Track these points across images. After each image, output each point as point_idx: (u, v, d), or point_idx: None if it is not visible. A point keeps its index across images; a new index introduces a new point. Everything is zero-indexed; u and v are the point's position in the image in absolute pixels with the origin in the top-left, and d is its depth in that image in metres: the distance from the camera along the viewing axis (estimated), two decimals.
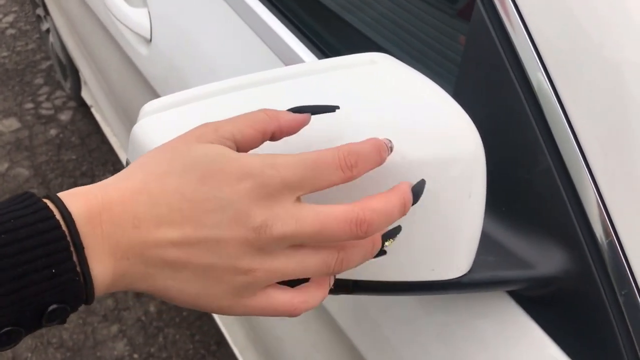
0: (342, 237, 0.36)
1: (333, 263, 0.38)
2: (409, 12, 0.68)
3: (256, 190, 0.35)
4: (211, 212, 0.35)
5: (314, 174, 0.36)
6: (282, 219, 0.35)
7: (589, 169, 0.45)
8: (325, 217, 0.36)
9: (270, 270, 0.36)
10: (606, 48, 0.44)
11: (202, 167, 0.36)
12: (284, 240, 0.36)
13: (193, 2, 0.94)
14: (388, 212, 0.37)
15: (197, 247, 0.35)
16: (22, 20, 2.93)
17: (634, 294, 0.43)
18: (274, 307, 0.38)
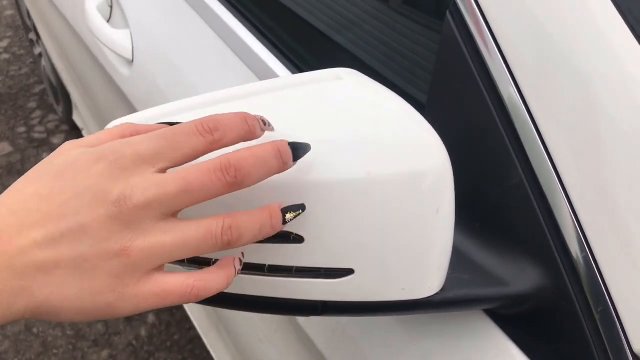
0: (211, 188, 0.34)
1: (219, 231, 0.35)
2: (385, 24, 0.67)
3: (110, 168, 0.34)
4: (68, 201, 0.34)
5: (169, 142, 0.35)
6: (141, 186, 0.34)
7: (561, 183, 0.44)
8: (188, 172, 0.34)
9: (146, 248, 0.34)
10: (576, 59, 0.43)
11: (57, 167, 0.35)
12: (149, 208, 0.34)
13: (174, 23, 0.94)
14: (259, 155, 0.35)
15: (63, 240, 0.34)
16: (16, 45, 2.94)
17: (610, 311, 0.42)
18: (165, 290, 0.35)
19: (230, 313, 0.92)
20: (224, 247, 0.36)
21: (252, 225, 0.36)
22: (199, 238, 0.35)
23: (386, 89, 0.44)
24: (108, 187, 0.34)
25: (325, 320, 0.61)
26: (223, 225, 0.35)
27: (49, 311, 0.35)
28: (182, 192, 0.34)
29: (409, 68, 0.63)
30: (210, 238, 0.35)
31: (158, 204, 0.34)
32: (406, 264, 0.42)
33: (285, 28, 0.81)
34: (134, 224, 0.34)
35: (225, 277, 0.37)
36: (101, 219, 0.34)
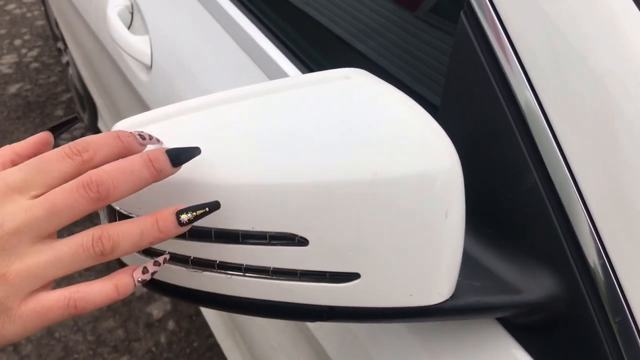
0: (77, 206, 0.35)
1: (89, 243, 0.36)
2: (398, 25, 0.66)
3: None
4: None
5: (38, 169, 0.36)
6: (11, 214, 0.35)
7: (577, 188, 0.43)
8: (54, 193, 0.35)
9: (22, 270, 0.35)
10: (592, 61, 0.42)
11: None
12: (20, 233, 0.35)
13: (192, 29, 0.95)
14: (123, 168, 0.36)
15: None
16: (45, 54, 3.00)
17: (628, 321, 0.40)
18: (45, 307, 0.36)
19: (245, 320, 0.91)
20: (99, 258, 0.36)
21: (129, 233, 0.36)
22: (71, 253, 0.36)
23: (395, 89, 0.43)
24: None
25: (335, 327, 0.60)
26: (92, 236, 0.36)
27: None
28: (50, 214, 0.35)
29: (421, 69, 0.62)
30: (82, 251, 0.36)
31: (28, 228, 0.35)
32: (414, 269, 0.41)
33: (301, 31, 0.80)
34: (9, 249, 0.35)
35: (112, 287, 0.37)
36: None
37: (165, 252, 0.41)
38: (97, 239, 0.36)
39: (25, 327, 0.36)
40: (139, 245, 0.37)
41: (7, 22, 3.27)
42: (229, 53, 0.86)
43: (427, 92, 0.61)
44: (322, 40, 0.79)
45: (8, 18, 3.30)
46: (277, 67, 0.77)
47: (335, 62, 0.75)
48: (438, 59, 0.60)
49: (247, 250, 0.41)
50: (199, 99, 0.45)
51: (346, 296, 0.42)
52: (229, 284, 0.42)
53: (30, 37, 3.13)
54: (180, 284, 0.44)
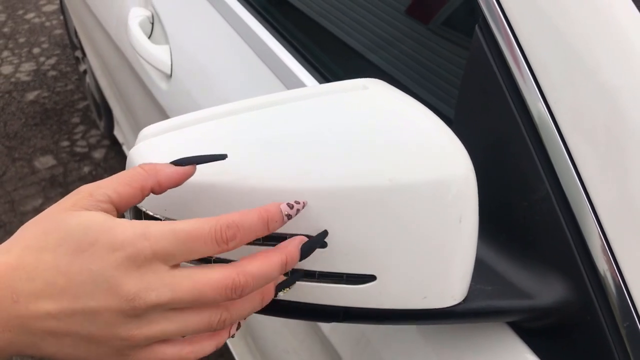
0: (218, 300, 0.37)
1: (216, 322, 0.39)
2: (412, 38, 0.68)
3: (127, 262, 0.36)
4: (85, 284, 0.36)
5: (186, 247, 0.36)
6: (155, 288, 0.36)
7: (588, 198, 0.44)
8: (201, 285, 0.37)
9: (149, 334, 0.37)
10: (603, 74, 0.43)
11: (76, 240, 0.36)
12: (160, 308, 0.37)
13: (211, 39, 0.97)
14: (266, 274, 0.38)
15: (75, 317, 0.36)
16: (63, 63, 3.04)
17: (636, 326, 0.42)
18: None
19: (258, 324, 0.93)
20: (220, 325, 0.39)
21: (245, 311, 0.40)
22: (199, 327, 0.38)
23: (411, 98, 0.44)
24: (124, 282, 0.36)
25: (349, 330, 0.61)
26: (220, 318, 0.39)
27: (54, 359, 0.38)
28: (193, 301, 0.37)
29: (436, 82, 0.63)
30: (207, 327, 0.39)
31: (169, 305, 0.37)
32: (428, 272, 0.42)
33: (318, 42, 0.82)
34: (143, 317, 0.37)
35: (214, 345, 0.41)
36: (113, 310, 0.36)
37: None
38: (222, 321, 0.39)
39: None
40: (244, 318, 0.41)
41: (26, 30, 3.33)
42: (247, 63, 0.88)
43: (440, 104, 0.63)
44: (339, 52, 0.81)
45: (27, 27, 3.36)
46: (295, 77, 0.79)
47: (351, 73, 0.77)
48: (451, 71, 0.62)
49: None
50: (222, 106, 0.46)
51: (362, 298, 0.43)
52: None
53: (49, 45, 3.19)
54: None
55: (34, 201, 2.21)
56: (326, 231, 0.41)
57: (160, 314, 0.37)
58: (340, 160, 0.41)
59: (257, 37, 0.87)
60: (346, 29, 0.79)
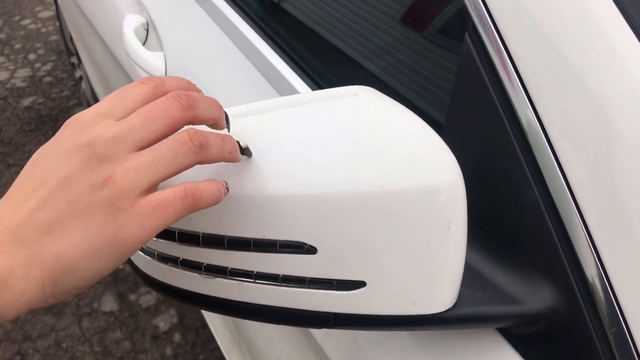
0: (172, 113, 0.37)
1: (187, 137, 0.37)
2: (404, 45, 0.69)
3: (75, 128, 0.37)
4: (49, 167, 0.37)
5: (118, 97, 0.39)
6: (107, 127, 0.37)
7: (576, 204, 0.44)
8: (147, 106, 0.38)
9: (128, 171, 0.36)
10: (591, 81, 0.44)
11: (37, 154, 0.38)
12: (120, 141, 0.36)
13: (206, 47, 0.97)
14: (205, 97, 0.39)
15: (54, 198, 0.36)
16: (59, 69, 3.04)
17: (624, 332, 0.42)
18: (163, 201, 0.36)
19: (251, 332, 0.93)
20: (197, 152, 0.38)
21: (214, 136, 0.39)
22: (172, 149, 0.37)
23: (401, 105, 0.45)
24: (78, 140, 0.37)
25: (341, 337, 0.61)
26: (189, 132, 0.38)
27: (63, 268, 0.36)
28: (146, 121, 0.37)
29: (427, 88, 0.64)
30: (180, 146, 0.37)
31: (126, 134, 0.37)
32: (417, 279, 0.43)
33: (311, 49, 0.83)
34: (110, 158, 0.36)
35: (215, 187, 0.39)
36: (80, 163, 0.36)
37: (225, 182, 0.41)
38: (193, 133, 0.37)
39: (143, 227, 0.36)
40: (222, 152, 0.39)
41: (22, 36, 3.33)
42: (241, 70, 0.89)
43: (432, 110, 0.63)
44: (331, 59, 0.81)
45: (23, 33, 3.36)
46: (288, 84, 0.79)
47: (343, 80, 0.77)
48: (443, 77, 0.62)
49: (258, 257, 0.43)
50: None
51: (352, 304, 0.43)
52: (240, 290, 0.44)
53: (45, 51, 3.19)
54: (193, 290, 0.46)
55: None
56: None
57: (127, 154, 0.36)
58: (331, 167, 0.41)
59: (251, 44, 0.87)
60: (339, 35, 0.80)
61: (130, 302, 1.85)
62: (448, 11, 0.63)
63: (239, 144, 0.41)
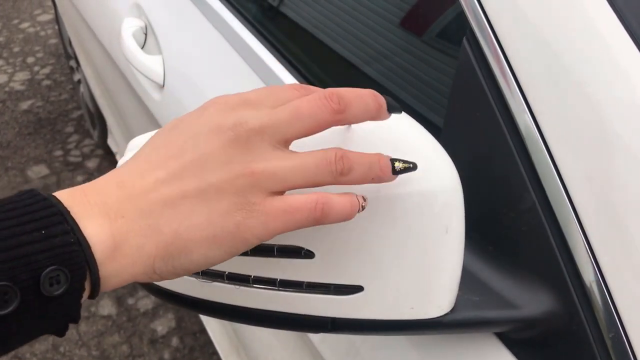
0: (319, 113, 0.36)
1: (333, 158, 0.36)
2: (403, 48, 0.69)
3: (221, 108, 0.36)
4: (187, 140, 0.36)
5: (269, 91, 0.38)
6: (254, 115, 0.36)
7: (574, 209, 0.44)
8: (298, 101, 0.36)
9: (267, 169, 0.35)
10: (589, 87, 0.44)
11: (168, 126, 0.37)
12: (264, 133, 0.35)
13: (204, 50, 0.97)
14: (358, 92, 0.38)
15: (185, 172, 0.35)
16: (57, 72, 3.04)
17: (621, 337, 0.42)
18: (292, 206, 0.35)
19: (249, 336, 0.93)
20: (337, 177, 0.36)
21: (362, 161, 0.37)
22: (316, 164, 0.36)
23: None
24: (223, 119, 0.36)
25: (338, 341, 0.61)
26: (335, 154, 0.36)
27: (180, 247, 0.35)
28: (293, 118, 0.36)
29: (425, 92, 0.64)
30: (325, 164, 0.36)
31: (272, 129, 0.35)
32: (415, 283, 0.43)
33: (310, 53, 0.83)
34: (252, 148, 0.35)
35: (349, 202, 0.37)
36: (220, 145, 0.35)
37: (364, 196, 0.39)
38: (339, 157, 0.36)
39: (267, 225, 0.35)
40: (366, 178, 0.37)
41: (20, 40, 3.33)
42: (240, 74, 0.89)
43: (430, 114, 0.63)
44: (329, 63, 0.81)
45: (22, 36, 3.36)
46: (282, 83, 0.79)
47: (341, 84, 0.78)
48: (441, 81, 0.62)
49: (255, 261, 0.43)
50: None
51: (349, 308, 0.43)
52: (237, 294, 0.44)
53: (43, 55, 3.19)
54: (190, 294, 0.46)
55: None
56: None
57: (271, 150, 0.35)
58: None
59: (250, 48, 0.87)
60: (338, 39, 0.80)
61: (128, 306, 1.84)
62: (446, 16, 0.63)
63: (393, 165, 0.38)
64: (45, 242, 0.32)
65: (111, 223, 0.34)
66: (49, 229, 0.32)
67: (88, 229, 0.33)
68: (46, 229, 0.32)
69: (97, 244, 0.33)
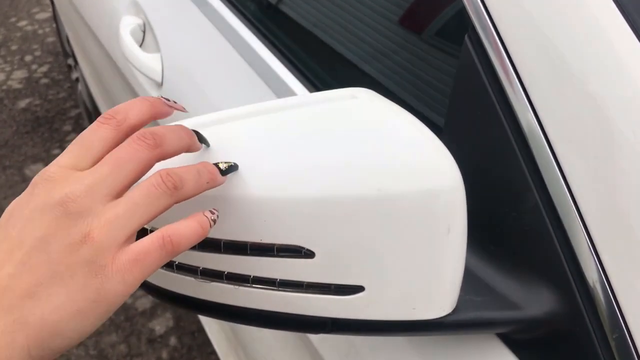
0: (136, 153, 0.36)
1: (160, 180, 0.36)
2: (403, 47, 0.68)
3: (46, 186, 0.36)
4: (22, 229, 0.35)
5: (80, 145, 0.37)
6: (74, 182, 0.36)
7: (577, 208, 0.44)
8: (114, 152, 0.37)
9: (104, 225, 0.35)
10: (592, 85, 0.43)
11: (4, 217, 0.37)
12: (91, 193, 0.35)
13: (203, 48, 0.97)
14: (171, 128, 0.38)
15: (31, 259, 0.35)
16: (55, 70, 3.04)
17: (625, 337, 0.41)
18: (141, 253, 0.36)
19: (248, 336, 0.92)
20: (172, 194, 0.37)
21: (189, 170, 0.38)
22: (145, 195, 0.36)
23: (400, 108, 0.44)
24: (48, 199, 0.35)
25: (338, 342, 0.61)
26: (160, 175, 0.36)
27: (50, 332, 0.35)
28: (115, 169, 0.36)
29: (426, 90, 0.63)
30: (154, 190, 0.36)
31: (97, 187, 0.35)
32: (416, 283, 0.42)
33: (309, 51, 0.82)
34: (84, 214, 0.35)
35: (197, 222, 0.37)
36: (54, 223, 0.35)
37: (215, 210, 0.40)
38: (165, 175, 0.36)
39: (125, 281, 0.35)
40: (200, 186, 0.38)
41: (18, 38, 3.32)
42: (238, 71, 0.88)
43: (431, 113, 0.63)
44: (329, 61, 0.81)
45: (19, 34, 3.35)
46: (285, 86, 0.78)
47: (341, 82, 0.77)
48: (443, 80, 0.62)
49: (255, 261, 0.42)
50: (208, 115, 0.46)
51: (350, 308, 0.43)
52: (236, 294, 0.44)
53: (41, 53, 3.18)
54: (189, 294, 0.45)
55: None
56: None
57: (101, 205, 0.35)
58: (329, 170, 0.40)
59: (248, 45, 0.87)
60: (338, 37, 0.79)
61: (126, 306, 1.84)
62: (447, 13, 0.63)
63: (218, 167, 0.39)
64: None
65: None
66: None
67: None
68: None
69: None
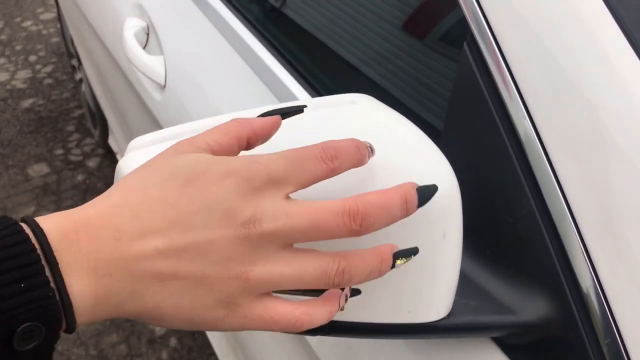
0: (335, 230, 0.34)
1: (333, 272, 0.35)
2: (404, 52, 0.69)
3: (243, 185, 0.34)
4: (197, 213, 0.33)
5: (297, 166, 0.35)
6: (271, 213, 0.34)
7: (572, 215, 0.44)
8: (316, 210, 0.34)
9: (264, 275, 0.34)
10: (588, 93, 0.44)
11: (184, 173, 0.34)
12: (275, 237, 0.34)
13: (206, 51, 0.98)
14: (386, 205, 0.35)
15: (186, 252, 0.33)
16: (59, 71, 3.05)
17: (617, 343, 0.42)
18: (273, 318, 0.35)
19: (247, 338, 0.93)
20: (334, 287, 0.36)
21: (363, 269, 0.36)
22: (315, 275, 0.35)
23: (398, 114, 0.45)
24: (239, 206, 0.34)
25: (336, 344, 0.61)
26: (338, 267, 0.35)
27: (155, 317, 0.35)
28: (309, 229, 0.34)
29: (426, 95, 0.64)
30: (324, 277, 0.35)
31: (284, 234, 0.34)
32: (412, 287, 0.43)
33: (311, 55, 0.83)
34: (257, 249, 0.34)
35: (328, 312, 0.37)
36: (228, 238, 0.33)
37: None
38: (341, 271, 0.35)
39: (244, 326, 0.35)
40: (360, 282, 0.37)
41: (23, 38, 3.33)
42: (240, 75, 0.89)
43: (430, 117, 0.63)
44: (330, 65, 0.82)
45: (24, 34, 3.37)
46: (287, 90, 0.79)
47: (342, 87, 0.78)
48: (442, 85, 0.63)
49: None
50: (211, 118, 0.47)
51: (347, 311, 0.43)
52: None
53: (45, 53, 3.19)
54: None
55: (26, 209, 2.20)
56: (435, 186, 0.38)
57: (275, 251, 0.34)
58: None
59: (251, 49, 0.88)
60: (339, 41, 0.80)
61: None
62: (448, 20, 0.63)
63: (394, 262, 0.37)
64: (24, 296, 0.31)
65: (97, 280, 0.33)
66: (29, 280, 0.31)
67: (73, 287, 0.32)
68: (26, 281, 0.31)
69: (78, 302, 0.33)
